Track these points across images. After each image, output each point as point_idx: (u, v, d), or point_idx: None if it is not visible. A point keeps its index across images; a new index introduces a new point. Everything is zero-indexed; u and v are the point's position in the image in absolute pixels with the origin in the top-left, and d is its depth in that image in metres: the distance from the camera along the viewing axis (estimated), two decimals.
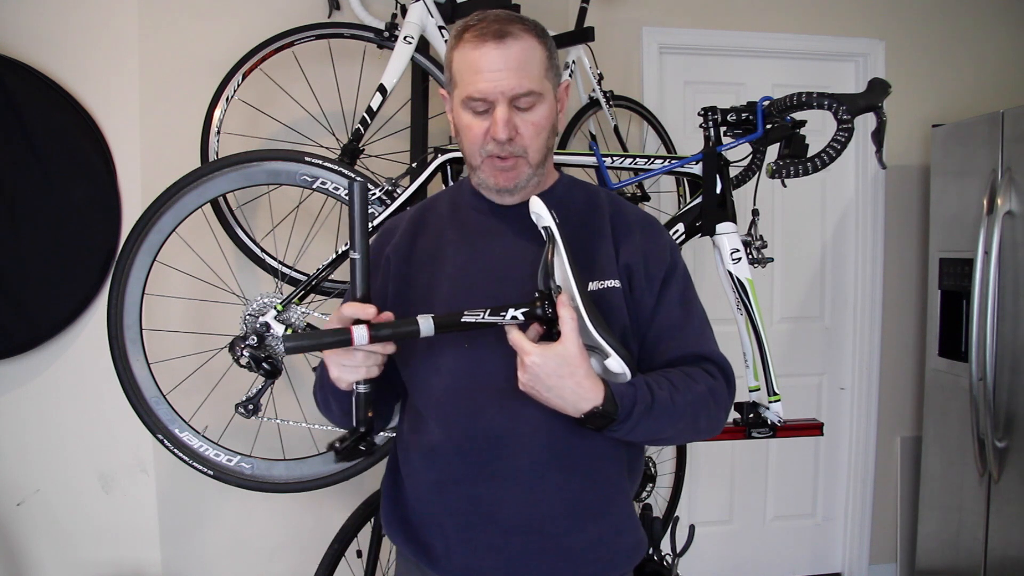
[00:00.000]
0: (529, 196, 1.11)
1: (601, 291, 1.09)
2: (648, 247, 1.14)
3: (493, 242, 1.12)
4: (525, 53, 1.03)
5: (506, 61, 1.02)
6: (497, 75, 1.02)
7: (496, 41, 1.02)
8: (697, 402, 1.04)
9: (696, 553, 1.96)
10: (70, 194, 2.07)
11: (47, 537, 2.16)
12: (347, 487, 1.84)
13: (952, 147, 2.57)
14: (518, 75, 1.02)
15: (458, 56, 1.06)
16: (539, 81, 1.05)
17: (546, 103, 1.07)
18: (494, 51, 1.02)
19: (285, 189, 1.88)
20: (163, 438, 1.66)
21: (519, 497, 1.06)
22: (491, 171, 1.08)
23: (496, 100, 1.03)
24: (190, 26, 2.15)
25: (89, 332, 2.12)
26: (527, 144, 1.06)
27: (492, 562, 1.07)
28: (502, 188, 1.10)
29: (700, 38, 2.68)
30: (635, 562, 1.16)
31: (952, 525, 2.51)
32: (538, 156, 1.09)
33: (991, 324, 2.29)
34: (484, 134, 1.05)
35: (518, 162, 1.07)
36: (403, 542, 1.15)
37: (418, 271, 1.13)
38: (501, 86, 1.02)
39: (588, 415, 0.96)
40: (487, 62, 1.02)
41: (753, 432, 1.64)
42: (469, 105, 1.05)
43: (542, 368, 0.94)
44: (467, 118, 1.07)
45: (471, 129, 1.06)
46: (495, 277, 1.09)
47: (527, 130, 1.05)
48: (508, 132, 1.03)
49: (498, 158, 1.07)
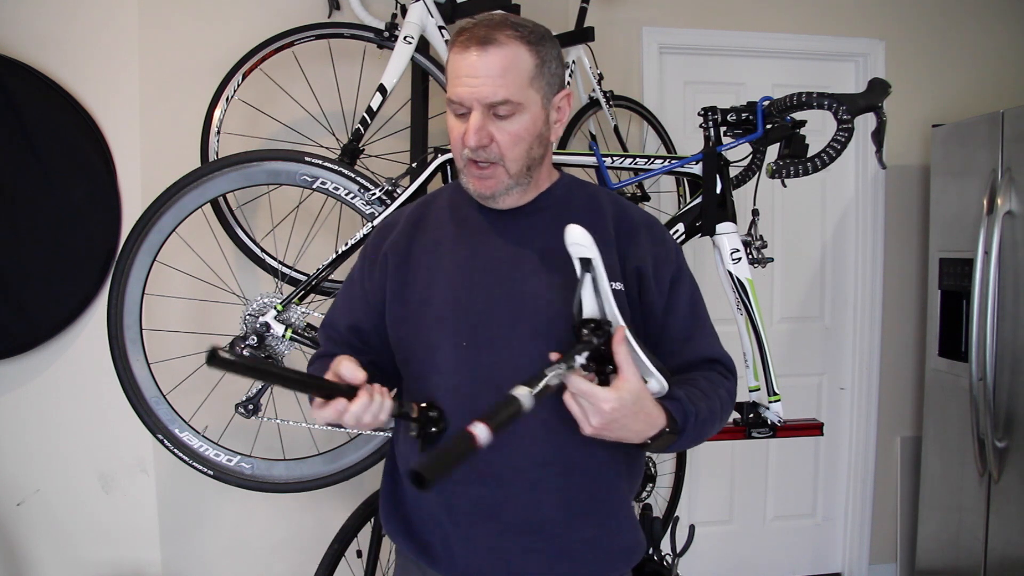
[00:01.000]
0: (513, 203, 1.12)
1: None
2: (656, 250, 1.14)
3: (494, 241, 1.12)
4: (507, 61, 1.02)
5: (486, 68, 1.01)
6: (474, 81, 1.02)
7: (479, 48, 1.02)
8: (724, 406, 1.10)
9: (696, 553, 1.96)
10: (70, 194, 2.07)
11: (47, 537, 2.16)
12: (347, 487, 1.84)
13: (952, 147, 2.57)
14: (494, 83, 1.01)
15: (450, 59, 1.07)
16: (520, 90, 1.03)
17: (527, 113, 1.05)
18: (475, 57, 1.02)
19: (285, 189, 1.88)
20: (163, 438, 1.66)
21: (519, 497, 1.06)
22: (470, 176, 1.09)
23: (472, 106, 1.03)
24: (190, 26, 2.15)
25: (89, 332, 2.12)
26: (503, 152, 1.05)
27: (492, 561, 1.07)
28: (479, 194, 1.10)
29: (700, 38, 2.68)
30: (633, 562, 1.16)
31: (952, 525, 2.51)
32: (517, 166, 1.07)
33: (991, 324, 2.28)
34: (462, 138, 1.06)
35: (495, 170, 1.07)
36: (403, 541, 1.15)
37: (416, 268, 1.13)
38: (476, 93, 1.02)
39: (654, 438, 0.98)
40: (467, 67, 1.02)
41: (753, 432, 1.64)
42: (451, 108, 1.06)
43: (620, 412, 0.92)
44: (451, 121, 1.08)
45: (452, 132, 1.08)
46: (496, 277, 1.09)
47: (504, 139, 1.04)
48: (478, 140, 1.03)
49: (474, 164, 1.07)
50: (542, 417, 1.03)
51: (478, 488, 1.06)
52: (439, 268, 1.11)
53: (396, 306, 1.12)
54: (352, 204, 1.66)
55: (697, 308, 1.16)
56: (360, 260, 1.22)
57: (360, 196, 1.64)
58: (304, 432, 1.92)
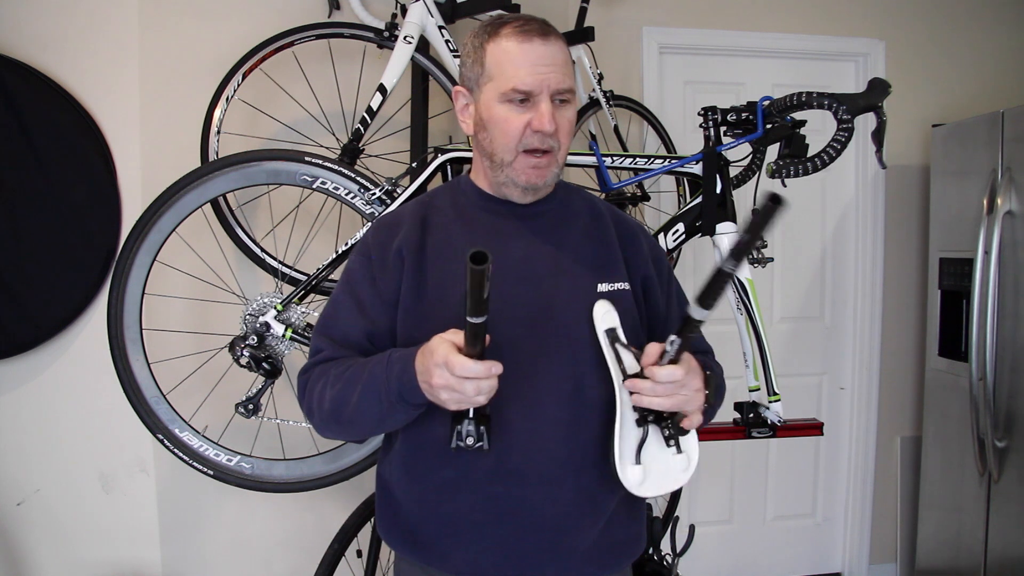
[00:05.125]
0: (540, 196, 1.14)
1: (613, 292, 1.11)
2: (655, 253, 1.22)
3: (508, 243, 1.11)
4: (564, 54, 1.07)
5: (552, 57, 1.05)
6: (545, 69, 1.04)
7: (542, 38, 1.05)
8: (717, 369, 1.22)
9: (696, 553, 1.96)
10: (70, 194, 2.07)
11: (47, 537, 2.16)
12: (347, 487, 1.84)
13: (952, 147, 2.57)
14: (562, 71, 1.05)
15: (496, 49, 1.06)
16: (574, 82, 1.09)
17: (575, 104, 1.11)
18: (542, 47, 1.04)
19: (285, 189, 1.89)
20: (163, 438, 1.66)
21: (536, 495, 1.06)
22: (524, 167, 1.08)
23: (541, 94, 1.04)
24: (190, 26, 2.15)
25: (89, 332, 2.12)
26: (562, 140, 1.08)
27: (500, 560, 1.07)
28: (532, 185, 1.10)
29: (700, 38, 2.68)
30: (634, 556, 1.18)
31: (952, 525, 2.51)
32: (564, 155, 1.11)
33: (991, 324, 2.29)
34: (523, 127, 1.05)
35: (551, 158, 1.09)
36: (406, 548, 1.13)
37: (430, 268, 1.11)
38: (548, 80, 1.04)
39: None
40: (535, 56, 1.04)
41: (753, 432, 1.64)
42: (509, 97, 1.05)
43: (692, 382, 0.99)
44: (504, 111, 1.06)
45: (509, 122, 1.06)
46: (512, 277, 1.08)
47: (564, 126, 1.08)
48: (553, 124, 1.05)
49: (536, 153, 1.07)
50: (560, 416, 1.04)
51: (496, 487, 1.06)
52: (452, 270, 1.09)
53: (412, 306, 1.09)
54: (352, 204, 1.66)
55: (682, 299, 1.25)
56: (361, 260, 1.14)
57: (360, 196, 1.64)
58: (304, 432, 1.92)
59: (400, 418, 1.03)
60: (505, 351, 1.04)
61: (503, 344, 1.05)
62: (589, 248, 1.14)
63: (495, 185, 1.13)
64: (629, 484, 1.02)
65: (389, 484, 1.16)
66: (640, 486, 1.02)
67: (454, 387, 0.90)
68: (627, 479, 1.02)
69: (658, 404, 0.98)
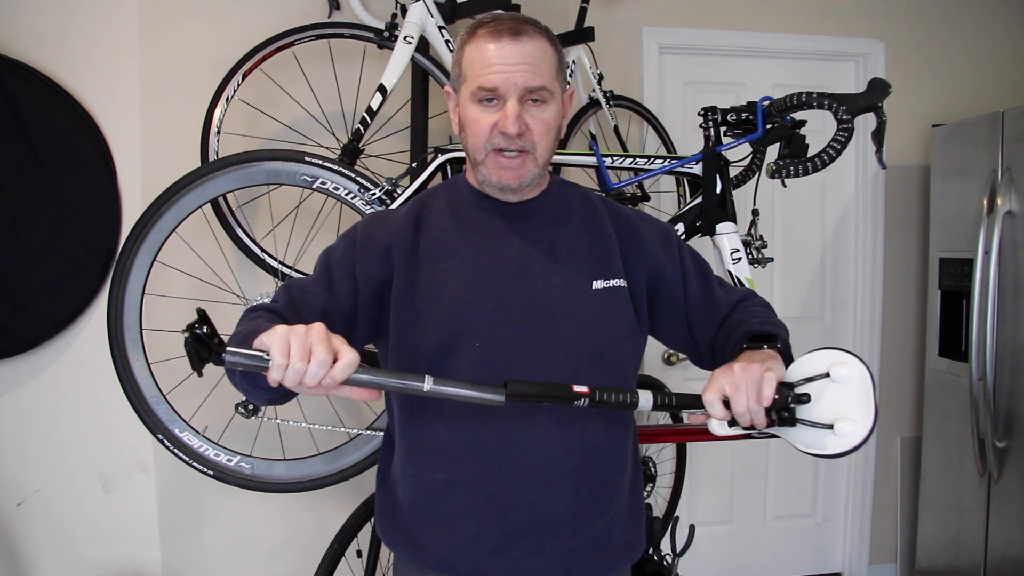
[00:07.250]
0: (532, 194, 1.12)
1: (607, 289, 1.10)
2: (661, 237, 1.19)
3: (500, 241, 1.11)
4: (539, 51, 1.04)
5: (521, 56, 1.02)
6: (511, 68, 1.02)
7: (512, 37, 1.03)
8: (768, 310, 1.17)
9: (696, 553, 1.96)
10: (70, 194, 2.07)
11: (47, 537, 2.16)
12: (347, 487, 1.84)
13: (952, 147, 2.57)
14: (532, 69, 1.03)
15: (470, 50, 1.06)
16: (551, 80, 1.05)
17: (556, 103, 1.07)
18: (509, 46, 1.02)
19: (285, 189, 1.88)
20: (163, 438, 1.66)
21: (532, 496, 1.05)
22: (495, 167, 1.07)
23: (507, 93, 1.03)
24: (190, 26, 2.15)
25: (89, 332, 2.12)
26: (536, 140, 1.06)
27: (498, 561, 1.06)
28: (506, 185, 1.09)
29: (700, 38, 2.68)
30: (633, 558, 1.17)
31: (952, 525, 2.51)
32: (545, 155, 1.08)
33: (991, 324, 2.28)
34: (491, 128, 1.04)
35: (526, 159, 1.07)
36: (405, 549, 1.13)
37: (422, 269, 1.10)
38: (514, 78, 1.02)
39: (781, 351, 1.03)
40: (502, 55, 1.02)
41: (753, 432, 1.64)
42: (478, 96, 1.05)
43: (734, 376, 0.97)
44: (474, 111, 1.06)
45: (478, 122, 1.05)
46: (506, 276, 1.08)
47: (537, 126, 1.05)
48: (518, 127, 1.03)
49: (504, 153, 1.06)
50: (555, 417, 1.04)
51: (491, 488, 1.05)
52: (445, 269, 1.09)
53: (404, 308, 1.08)
54: (352, 204, 1.66)
55: (705, 271, 1.21)
56: (346, 244, 1.12)
57: (360, 196, 1.64)
58: (304, 432, 1.92)
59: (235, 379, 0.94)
60: (499, 350, 1.05)
61: (497, 343, 1.05)
62: (584, 245, 1.13)
63: (480, 184, 1.14)
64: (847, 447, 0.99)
65: (388, 484, 1.16)
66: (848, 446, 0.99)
67: (300, 346, 0.78)
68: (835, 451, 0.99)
69: (743, 405, 0.96)
